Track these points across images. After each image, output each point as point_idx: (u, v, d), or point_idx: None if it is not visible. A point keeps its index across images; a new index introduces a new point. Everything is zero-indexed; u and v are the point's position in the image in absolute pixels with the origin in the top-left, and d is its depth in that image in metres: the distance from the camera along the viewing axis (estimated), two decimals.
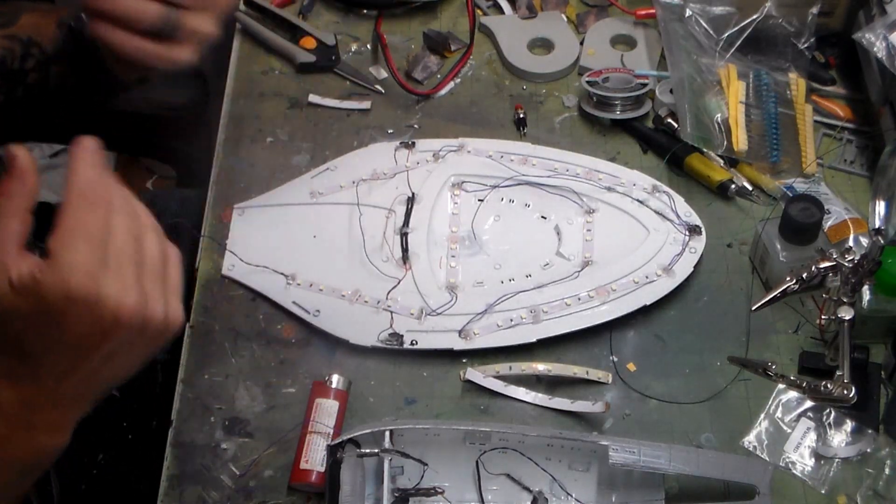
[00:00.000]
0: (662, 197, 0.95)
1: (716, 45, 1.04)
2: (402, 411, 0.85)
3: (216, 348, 0.89)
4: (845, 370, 0.78)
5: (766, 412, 0.84)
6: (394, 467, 0.80)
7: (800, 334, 0.89)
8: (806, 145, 1.00)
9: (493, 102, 1.07)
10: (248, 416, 0.85)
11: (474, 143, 1.00)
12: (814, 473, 0.81)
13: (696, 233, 0.93)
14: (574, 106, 1.06)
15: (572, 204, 0.96)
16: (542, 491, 0.80)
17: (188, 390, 0.87)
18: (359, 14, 1.15)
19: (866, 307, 0.84)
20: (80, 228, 0.60)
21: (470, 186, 0.98)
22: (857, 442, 0.82)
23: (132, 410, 1.03)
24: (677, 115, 1.00)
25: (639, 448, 0.76)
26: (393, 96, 1.07)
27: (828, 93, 1.06)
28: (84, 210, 0.61)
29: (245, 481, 0.82)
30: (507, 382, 0.87)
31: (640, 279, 0.90)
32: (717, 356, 0.87)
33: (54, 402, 0.64)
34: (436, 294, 0.90)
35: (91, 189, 0.62)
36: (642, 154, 1.02)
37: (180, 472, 0.82)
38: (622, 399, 0.86)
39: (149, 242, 0.64)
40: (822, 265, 0.80)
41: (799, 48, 1.04)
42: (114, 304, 0.60)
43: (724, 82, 1.02)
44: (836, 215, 0.93)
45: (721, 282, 0.93)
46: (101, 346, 0.61)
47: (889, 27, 0.94)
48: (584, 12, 1.14)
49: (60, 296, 0.59)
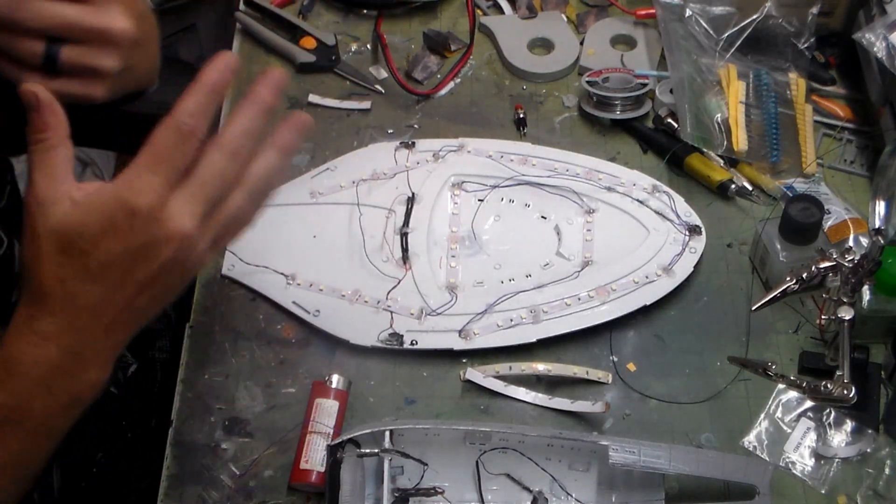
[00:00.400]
0: (662, 197, 0.95)
1: (716, 45, 1.04)
2: (402, 411, 0.85)
3: (216, 348, 0.89)
4: (845, 370, 0.78)
5: (766, 412, 0.84)
6: (394, 467, 0.80)
7: (800, 334, 0.89)
8: (806, 145, 1.00)
9: (493, 102, 1.07)
10: (248, 416, 0.85)
11: (474, 143, 1.00)
12: (814, 473, 0.81)
13: (696, 233, 0.93)
14: (574, 106, 1.06)
15: (572, 204, 0.96)
16: (542, 491, 0.80)
17: (188, 390, 0.87)
18: (359, 14, 1.15)
19: (866, 307, 0.84)
20: (163, 154, 0.65)
21: (470, 186, 0.98)
22: (857, 442, 0.82)
23: (132, 410, 1.04)
24: (677, 115, 1.00)
25: (639, 448, 0.76)
26: (393, 96, 1.07)
27: (828, 93, 1.06)
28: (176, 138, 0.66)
29: (245, 481, 0.82)
30: (507, 382, 0.87)
31: (640, 279, 0.90)
32: (717, 356, 0.87)
33: (106, 328, 0.67)
34: (436, 294, 0.90)
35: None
36: (642, 154, 1.02)
37: (180, 472, 0.82)
38: (622, 399, 0.86)
39: (236, 197, 0.68)
40: (822, 265, 0.80)
41: (799, 48, 1.04)
42: (175, 225, 0.65)
43: (724, 82, 1.02)
44: (836, 215, 0.93)
45: (721, 282, 0.93)
46: (150, 262, 0.66)
47: (889, 27, 0.94)
48: (584, 12, 1.14)
49: (121, 206, 0.64)
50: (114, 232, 0.64)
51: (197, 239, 0.66)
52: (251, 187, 0.69)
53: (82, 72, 0.74)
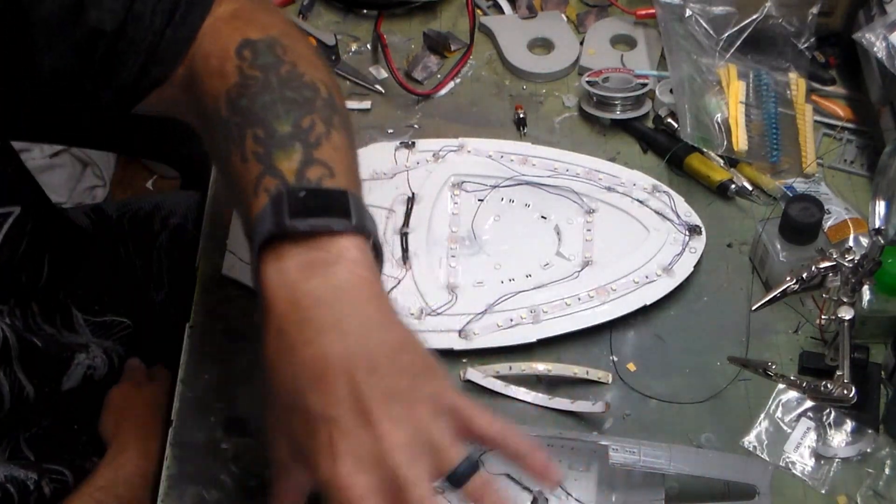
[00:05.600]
0: (662, 197, 0.95)
1: (716, 45, 1.04)
2: None
3: (216, 348, 0.89)
4: (845, 370, 0.78)
5: (766, 412, 0.84)
6: None
7: (800, 334, 0.89)
8: (806, 145, 1.00)
9: (493, 102, 1.07)
10: (248, 416, 0.85)
11: (474, 143, 1.00)
12: (814, 473, 0.81)
13: (696, 233, 0.93)
14: (574, 106, 1.06)
15: (572, 204, 0.96)
16: (542, 491, 0.80)
17: (188, 390, 0.87)
18: (359, 14, 1.15)
19: (866, 307, 0.84)
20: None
21: (470, 186, 0.98)
22: (857, 442, 0.82)
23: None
24: (677, 115, 1.00)
25: (639, 448, 0.76)
26: (393, 96, 1.07)
27: (828, 93, 1.06)
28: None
29: (245, 481, 0.82)
30: (507, 382, 0.87)
31: (640, 279, 0.90)
32: (717, 356, 0.87)
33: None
34: (436, 294, 0.90)
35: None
36: (642, 154, 1.02)
37: (180, 472, 0.82)
38: (622, 399, 0.86)
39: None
40: (822, 265, 0.80)
41: (799, 48, 1.04)
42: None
43: (724, 82, 1.02)
44: (836, 215, 0.93)
45: (721, 282, 0.93)
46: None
47: (889, 27, 0.94)
48: (584, 12, 1.14)
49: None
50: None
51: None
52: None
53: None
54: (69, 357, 0.93)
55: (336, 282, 0.63)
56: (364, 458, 0.59)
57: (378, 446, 0.59)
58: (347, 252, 0.64)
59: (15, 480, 0.84)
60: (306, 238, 0.64)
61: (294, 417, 0.61)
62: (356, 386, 0.60)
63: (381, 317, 0.64)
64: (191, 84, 0.75)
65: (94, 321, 1.02)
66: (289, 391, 0.61)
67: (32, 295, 0.91)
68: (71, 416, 0.96)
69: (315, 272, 0.63)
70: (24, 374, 0.87)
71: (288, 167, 0.67)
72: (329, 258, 0.64)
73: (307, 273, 0.63)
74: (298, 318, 0.62)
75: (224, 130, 0.70)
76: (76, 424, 0.96)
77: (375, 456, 0.59)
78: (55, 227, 1.00)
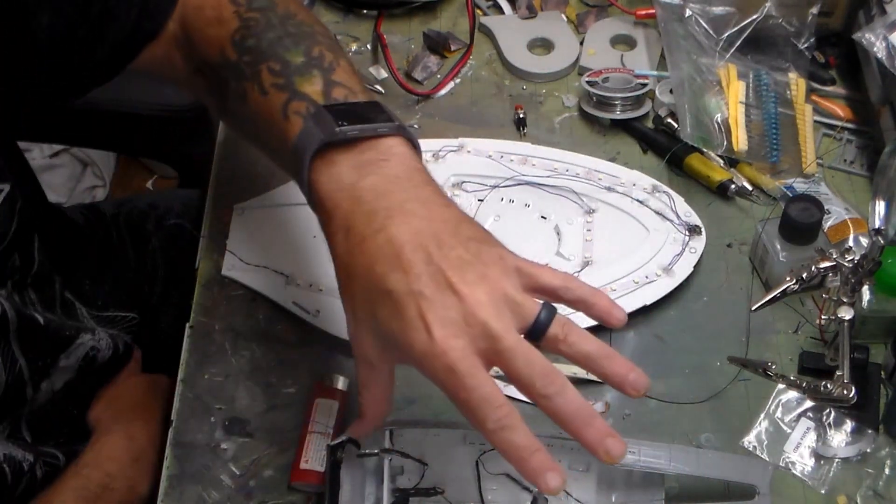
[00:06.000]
0: (662, 197, 0.95)
1: (716, 45, 1.04)
2: (402, 411, 0.85)
3: (216, 348, 0.89)
4: (845, 370, 0.78)
5: (766, 412, 0.84)
6: (394, 467, 0.80)
7: (800, 334, 0.89)
8: (806, 145, 1.00)
9: (493, 102, 1.07)
10: (248, 416, 0.85)
11: (474, 143, 1.00)
12: (814, 473, 0.81)
13: (696, 233, 0.93)
14: (574, 106, 1.06)
15: (572, 204, 0.96)
16: None
17: (188, 390, 0.87)
18: (359, 14, 1.15)
19: (866, 307, 0.84)
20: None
21: (470, 186, 0.98)
22: (857, 442, 0.82)
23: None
24: (677, 115, 1.00)
25: (639, 448, 0.76)
26: (393, 96, 1.07)
27: (828, 93, 1.06)
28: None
29: (245, 481, 0.82)
30: (506, 382, 0.86)
31: (640, 279, 0.90)
32: (717, 356, 0.87)
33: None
34: None
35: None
36: (642, 154, 1.02)
37: (180, 472, 0.82)
38: (622, 399, 0.86)
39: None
40: (822, 265, 0.80)
41: (799, 48, 1.04)
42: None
43: (724, 82, 1.02)
44: (836, 215, 0.93)
45: (721, 282, 0.93)
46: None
47: (889, 27, 0.94)
48: (584, 12, 1.14)
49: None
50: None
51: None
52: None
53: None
54: (72, 336, 0.93)
55: (391, 173, 0.68)
56: (454, 322, 0.62)
57: (464, 307, 0.62)
58: (395, 149, 0.70)
59: (12, 460, 0.84)
60: (354, 143, 0.69)
61: (377, 306, 0.64)
62: (431, 259, 0.63)
63: (438, 197, 0.68)
64: (185, 39, 0.79)
65: (97, 315, 1.02)
66: (369, 281, 0.64)
67: (26, 281, 0.91)
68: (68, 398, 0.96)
69: (369, 170, 0.68)
70: (20, 349, 0.87)
71: (313, 90, 0.73)
72: (379, 156, 0.69)
73: (363, 172, 0.68)
74: (364, 211, 0.66)
75: (235, 72, 0.75)
76: (75, 409, 0.96)
77: (464, 316, 0.62)
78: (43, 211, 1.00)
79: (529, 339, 0.65)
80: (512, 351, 0.63)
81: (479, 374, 0.62)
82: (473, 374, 0.62)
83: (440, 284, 0.63)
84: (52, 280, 0.95)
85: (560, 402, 0.63)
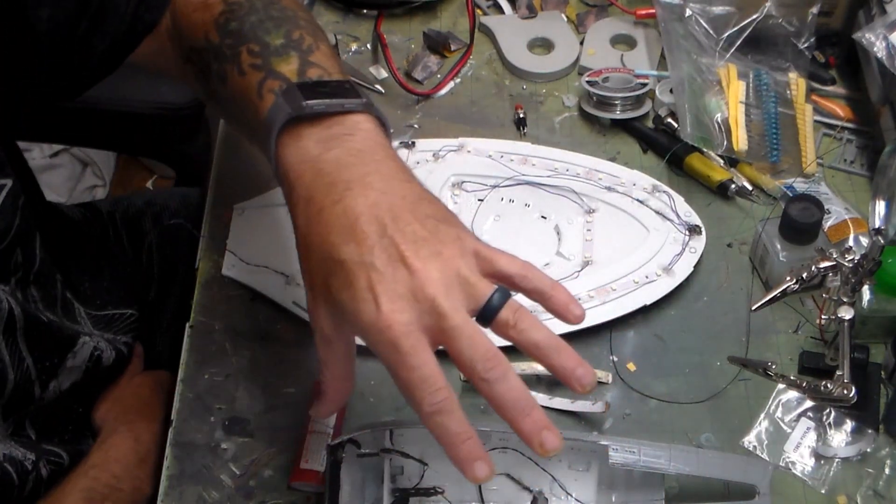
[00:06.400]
0: (662, 197, 0.95)
1: (716, 44, 1.04)
2: (402, 411, 0.85)
3: (216, 348, 0.89)
4: (845, 370, 0.78)
5: (766, 412, 0.84)
6: (394, 467, 0.80)
7: (800, 334, 0.89)
8: (806, 145, 1.00)
9: (493, 102, 1.07)
10: (248, 416, 0.85)
11: (474, 143, 1.00)
12: (814, 473, 0.81)
13: (696, 233, 0.93)
14: (574, 106, 1.06)
15: (572, 204, 0.96)
16: (542, 491, 0.80)
17: (188, 390, 0.87)
18: (359, 14, 1.15)
19: (866, 307, 0.84)
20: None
21: (470, 186, 0.98)
22: (857, 442, 0.82)
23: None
24: (677, 115, 1.00)
25: (639, 448, 0.76)
26: (393, 96, 1.07)
27: (828, 93, 1.06)
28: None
29: (245, 481, 0.82)
30: None
31: (640, 279, 0.90)
32: (717, 356, 0.87)
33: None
34: None
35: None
36: (642, 154, 1.02)
37: (180, 472, 0.82)
38: (622, 399, 0.86)
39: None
40: (822, 265, 0.80)
41: (799, 48, 1.04)
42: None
43: (724, 82, 1.02)
44: (836, 215, 0.93)
45: (721, 282, 0.93)
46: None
47: (889, 27, 0.94)
48: (584, 12, 1.14)
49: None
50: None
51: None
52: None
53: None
54: (76, 336, 0.93)
55: (355, 147, 0.69)
56: (403, 295, 0.62)
57: (414, 282, 0.62)
58: (361, 124, 0.70)
59: (13, 461, 0.84)
60: (321, 118, 0.70)
61: (331, 276, 0.64)
62: (385, 231, 0.63)
63: (400, 173, 0.68)
64: (174, 27, 0.80)
65: (95, 315, 1.02)
66: (324, 251, 0.65)
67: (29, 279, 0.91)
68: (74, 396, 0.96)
69: (334, 143, 0.69)
70: (27, 347, 0.87)
71: (288, 69, 0.73)
72: (345, 131, 0.69)
73: (327, 145, 0.69)
74: (324, 183, 0.67)
75: (216, 53, 0.76)
76: (80, 407, 0.96)
77: (413, 291, 0.62)
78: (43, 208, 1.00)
79: (479, 321, 0.65)
80: (457, 329, 0.62)
81: (421, 354, 0.62)
82: (416, 353, 0.62)
83: (392, 257, 0.63)
84: (54, 279, 0.95)
85: (500, 389, 0.62)
